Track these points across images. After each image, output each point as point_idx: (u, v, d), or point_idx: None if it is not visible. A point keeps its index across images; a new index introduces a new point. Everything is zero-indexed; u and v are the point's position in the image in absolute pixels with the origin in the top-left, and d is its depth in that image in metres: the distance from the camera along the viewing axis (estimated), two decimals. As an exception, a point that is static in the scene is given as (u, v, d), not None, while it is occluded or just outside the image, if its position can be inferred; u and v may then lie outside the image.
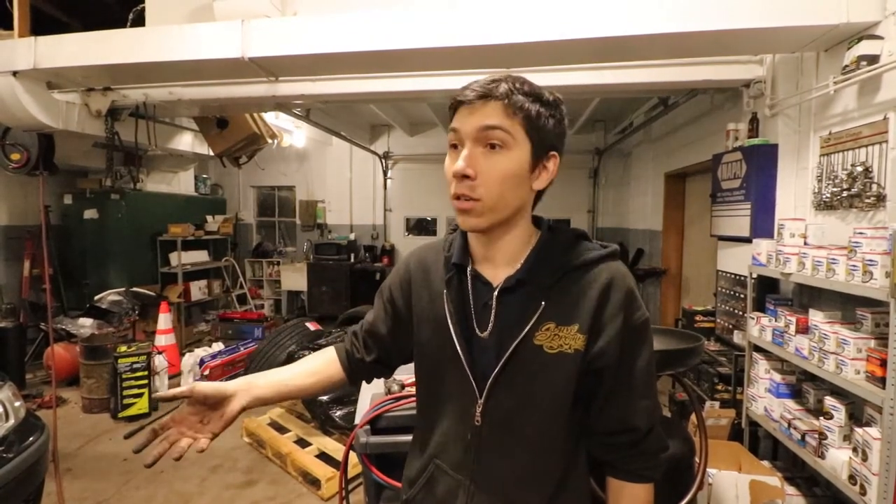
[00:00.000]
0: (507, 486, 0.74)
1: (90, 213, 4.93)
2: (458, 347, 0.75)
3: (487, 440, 0.75)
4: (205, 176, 6.56)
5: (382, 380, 1.44)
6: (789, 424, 2.01)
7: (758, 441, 2.47)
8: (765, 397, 2.24)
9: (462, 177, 0.70)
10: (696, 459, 1.44)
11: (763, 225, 2.52)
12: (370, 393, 1.36)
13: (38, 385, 4.04)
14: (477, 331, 0.76)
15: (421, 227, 7.28)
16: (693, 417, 2.39)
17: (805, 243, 2.11)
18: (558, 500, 0.76)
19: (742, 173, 2.66)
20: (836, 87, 2.07)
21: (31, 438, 1.59)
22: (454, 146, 0.72)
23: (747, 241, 2.57)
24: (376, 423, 1.20)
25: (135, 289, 4.61)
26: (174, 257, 5.19)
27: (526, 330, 0.72)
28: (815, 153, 2.34)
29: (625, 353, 0.74)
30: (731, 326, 2.81)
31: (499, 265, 0.77)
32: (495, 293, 0.75)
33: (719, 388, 2.67)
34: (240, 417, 2.85)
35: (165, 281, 5.23)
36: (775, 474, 1.84)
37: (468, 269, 0.79)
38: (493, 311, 0.75)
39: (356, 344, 0.90)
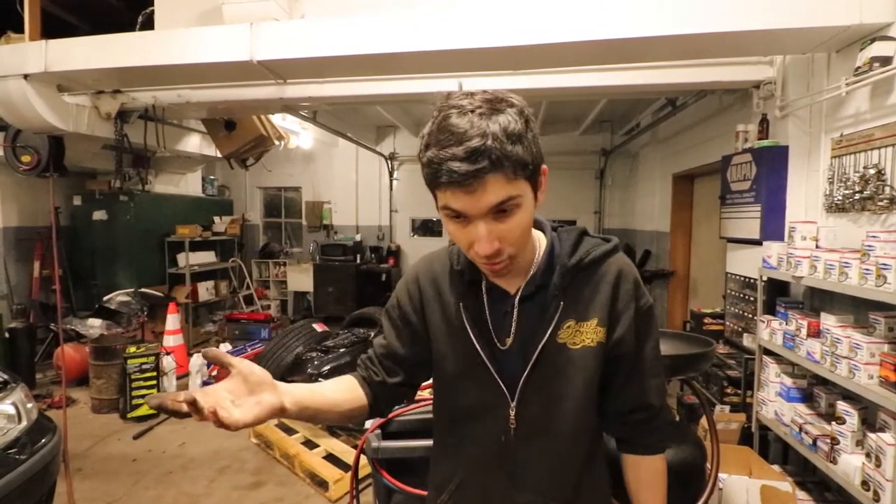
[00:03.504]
0: (543, 478, 0.79)
1: (99, 215, 4.96)
2: (484, 357, 0.77)
3: (523, 439, 0.78)
4: (212, 177, 6.59)
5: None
6: (800, 429, 2.00)
7: (768, 445, 2.45)
8: (775, 401, 2.22)
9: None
10: (708, 465, 1.42)
11: (773, 227, 2.50)
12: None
13: (47, 385, 4.08)
14: (497, 341, 0.78)
15: (426, 227, 7.28)
16: (703, 421, 2.37)
17: (817, 246, 2.09)
18: (586, 480, 0.82)
19: (752, 175, 2.64)
20: (848, 89, 2.05)
21: (43, 440, 1.61)
22: (455, 216, 0.67)
23: (757, 243, 2.55)
24: (387, 428, 1.20)
25: (143, 290, 4.64)
26: (182, 258, 5.23)
27: (550, 331, 0.76)
28: (826, 155, 2.32)
29: (638, 337, 0.80)
30: (740, 329, 2.78)
31: (511, 275, 0.79)
32: (515, 301, 0.78)
33: (728, 391, 2.64)
34: None
35: (173, 282, 5.26)
36: (786, 479, 1.82)
37: (483, 282, 0.81)
38: (514, 318, 0.78)
39: (373, 368, 0.86)
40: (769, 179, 2.52)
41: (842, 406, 1.81)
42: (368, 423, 1.28)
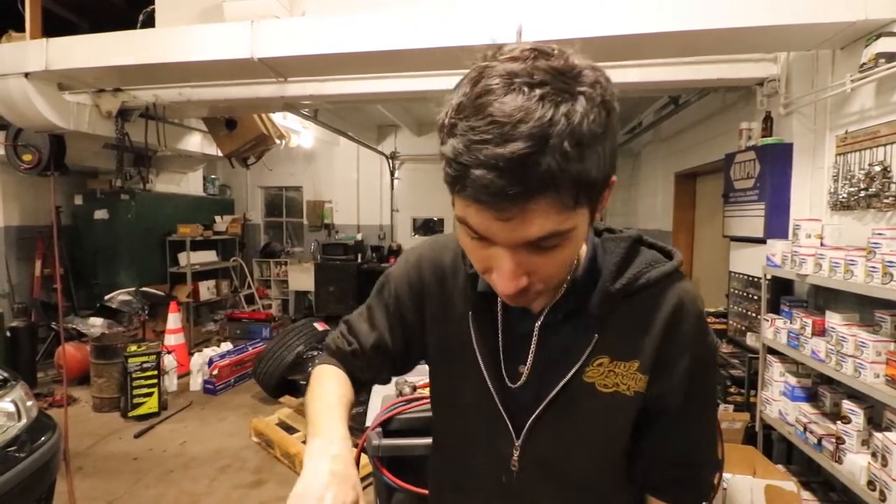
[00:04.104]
0: None
1: (101, 214, 4.96)
2: (490, 386, 0.64)
3: (527, 485, 0.65)
4: (213, 177, 6.59)
5: (393, 382, 1.43)
6: (805, 428, 1.98)
7: (771, 445, 2.44)
8: (779, 400, 2.21)
9: None
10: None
11: (777, 225, 2.48)
12: (381, 395, 1.34)
13: (49, 384, 4.08)
14: (508, 370, 0.65)
15: (427, 227, 7.27)
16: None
17: (821, 244, 2.07)
18: None
19: (755, 173, 2.62)
20: (853, 86, 2.03)
21: (42, 438, 1.60)
22: (476, 235, 0.50)
23: (761, 241, 2.53)
24: (388, 426, 1.19)
25: (144, 288, 4.64)
26: (183, 257, 5.22)
27: (576, 367, 0.61)
28: (830, 152, 2.30)
29: (691, 391, 0.62)
30: (743, 328, 2.76)
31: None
32: (537, 325, 0.63)
33: (732, 390, 2.63)
34: (249, 418, 2.81)
35: (174, 281, 5.26)
36: (791, 479, 1.80)
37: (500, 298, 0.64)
38: (532, 346, 0.63)
39: (358, 365, 0.75)
40: (773, 177, 2.51)
41: (847, 405, 1.79)
42: (369, 422, 1.27)
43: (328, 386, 0.71)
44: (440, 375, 0.73)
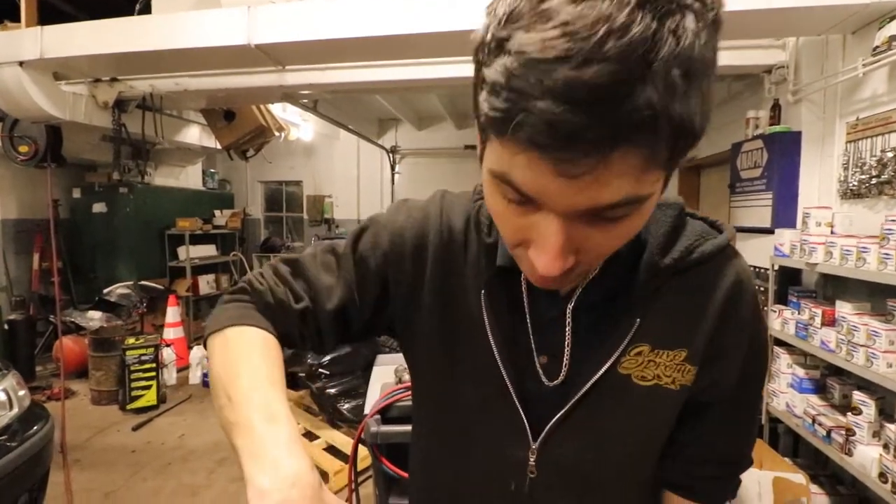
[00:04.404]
0: None
1: (99, 207, 4.93)
2: (506, 378, 0.53)
3: (541, 494, 0.55)
4: (212, 170, 6.55)
5: (393, 368, 1.39)
6: (814, 420, 1.94)
7: (777, 438, 2.40)
8: (787, 392, 2.17)
9: None
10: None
11: (785, 215, 2.43)
12: (380, 382, 1.31)
13: (48, 377, 4.06)
14: (531, 360, 0.54)
15: (429, 221, 7.23)
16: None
17: (832, 232, 2.02)
18: None
19: (763, 162, 2.57)
20: (865, 70, 1.98)
21: (34, 427, 1.57)
22: (520, 199, 0.38)
23: (769, 231, 2.49)
24: (387, 413, 1.15)
25: (143, 282, 4.61)
26: (182, 251, 5.19)
27: (613, 358, 0.51)
28: (841, 140, 2.25)
29: (744, 384, 0.55)
30: (749, 320, 2.72)
31: None
32: (569, 308, 0.52)
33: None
34: None
35: (174, 275, 5.22)
36: (799, 471, 1.76)
37: (523, 274, 0.52)
38: (567, 331, 0.53)
39: (302, 330, 0.58)
40: (781, 166, 2.46)
41: (858, 396, 1.75)
42: (367, 409, 1.23)
43: (259, 363, 0.50)
44: (433, 365, 0.59)
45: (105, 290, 4.37)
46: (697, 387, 0.53)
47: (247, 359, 0.50)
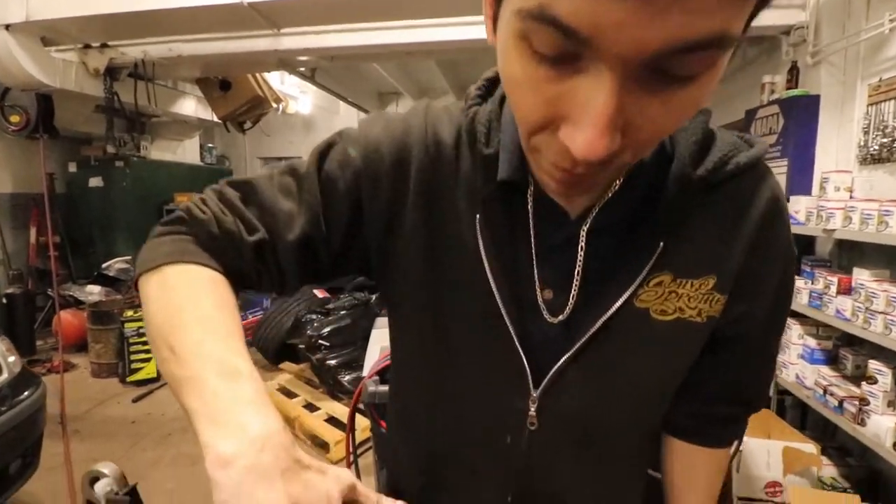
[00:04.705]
0: (565, 501, 0.53)
1: (95, 181, 4.85)
2: (506, 315, 0.46)
3: (541, 447, 0.50)
4: (210, 145, 6.44)
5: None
6: (825, 391, 1.89)
7: (784, 411, 2.36)
8: (797, 364, 2.12)
9: None
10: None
11: (800, 183, 2.34)
12: (379, 344, 1.25)
13: (48, 351, 4.04)
14: (534, 294, 0.47)
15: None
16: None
17: (851, 197, 1.94)
18: (630, 499, 0.57)
19: (778, 128, 2.47)
20: (892, 26, 1.87)
21: (25, 393, 1.53)
22: (557, 53, 0.28)
23: (782, 200, 2.40)
24: (385, 374, 1.10)
25: (142, 257, 4.56)
26: (181, 226, 5.13)
27: (631, 289, 0.44)
28: (861, 103, 2.14)
29: (776, 312, 0.50)
30: (758, 292, 2.66)
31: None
32: (583, 232, 0.44)
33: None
34: None
35: (173, 250, 5.18)
36: (810, 442, 1.72)
37: (529, 190, 0.46)
38: (579, 259, 0.45)
39: (257, 266, 0.48)
40: (798, 132, 2.36)
41: (873, 365, 1.69)
42: (366, 371, 1.18)
43: (210, 309, 0.41)
44: (416, 304, 0.51)
45: (104, 265, 4.33)
46: (726, 318, 0.47)
47: (193, 303, 0.41)
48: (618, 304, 0.44)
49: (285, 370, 3.25)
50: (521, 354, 0.47)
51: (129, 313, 3.38)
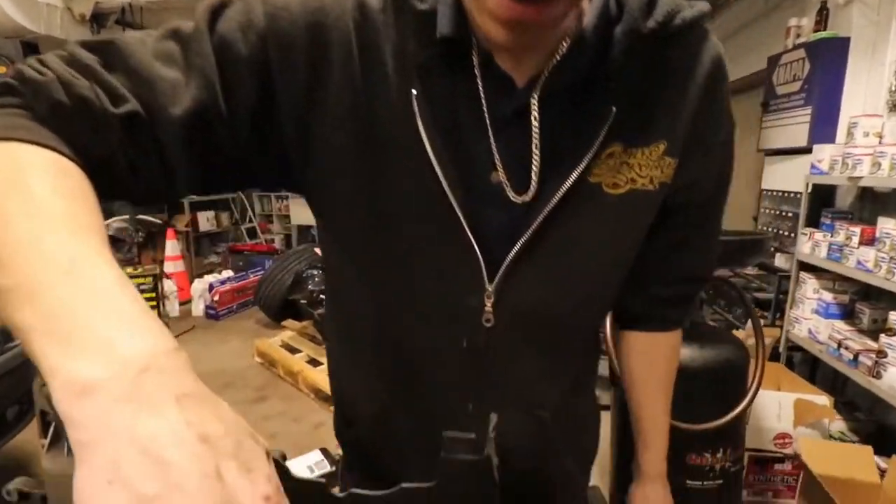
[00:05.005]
0: (527, 390, 0.51)
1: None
2: (453, 200, 0.41)
3: (502, 347, 0.47)
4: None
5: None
6: (839, 345, 1.84)
7: (793, 367, 2.33)
8: (810, 319, 2.07)
9: None
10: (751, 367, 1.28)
11: (824, 131, 2.23)
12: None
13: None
14: (480, 174, 0.43)
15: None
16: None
17: (880, 142, 1.83)
18: (582, 378, 0.59)
19: (803, 74, 2.33)
20: (939, -47, 1.70)
21: (16, 340, 1.49)
22: None
23: (804, 151, 2.29)
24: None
25: (140, 216, 4.51)
26: (179, 186, 5.04)
27: (585, 163, 0.41)
28: (895, 45, 2.00)
29: (722, 177, 0.51)
30: (773, 249, 2.58)
31: (526, 47, 0.39)
32: (533, 99, 0.40)
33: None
34: (251, 341, 2.67)
35: (172, 210, 5.11)
36: (823, 394, 1.69)
37: (473, 52, 0.40)
38: (534, 131, 0.41)
39: (137, 154, 0.36)
40: (824, 77, 2.22)
41: (895, 316, 1.64)
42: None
43: (49, 197, 0.28)
44: (348, 199, 0.44)
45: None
46: (677, 184, 0.47)
47: (21, 192, 0.28)
48: (573, 177, 0.41)
49: (288, 327, 3.24)
50: (475, 245, 0.42)
51: (129, 270, 3.35)
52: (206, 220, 5.35)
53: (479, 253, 0.42)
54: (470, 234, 0.42)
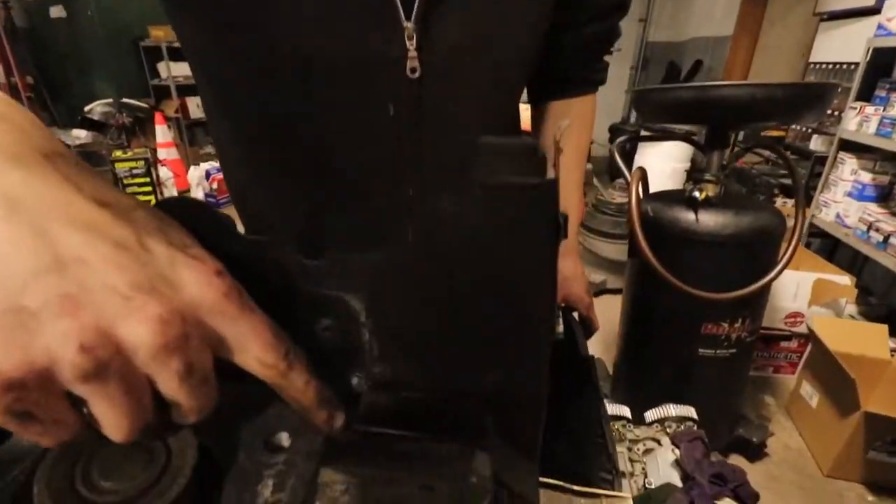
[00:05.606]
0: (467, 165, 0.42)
1: (56, 11, 4.26)
2: None
3: (434, 102, 0.39)
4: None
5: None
6: (870, 227, 1.75)
7: (809, 255, 2.28)
8: (841, 202, 1.95)
9: None
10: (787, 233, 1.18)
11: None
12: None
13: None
14: None
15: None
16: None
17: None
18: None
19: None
20: None
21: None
22: None
23: (871, 12, 1.98)
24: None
25: (125, 100, 4.22)
26: (163, 68, 4.64)
27: None
28: None
29: None
30: (809, 131, 2.38)
31: None
32: None
33: (777, 199, 2.37)
34: None
35: (159, 95, 4.78)
36: (846, 274, 1.62)
37: None
38: None
39: None
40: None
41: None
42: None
43: None
44: None
45: (86, 108, 4.02)
46: None
47: None
48: None
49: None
50: None
51: (118, 153, 3.19)
52: (196, 107, 5.02)
53: None
54: None
